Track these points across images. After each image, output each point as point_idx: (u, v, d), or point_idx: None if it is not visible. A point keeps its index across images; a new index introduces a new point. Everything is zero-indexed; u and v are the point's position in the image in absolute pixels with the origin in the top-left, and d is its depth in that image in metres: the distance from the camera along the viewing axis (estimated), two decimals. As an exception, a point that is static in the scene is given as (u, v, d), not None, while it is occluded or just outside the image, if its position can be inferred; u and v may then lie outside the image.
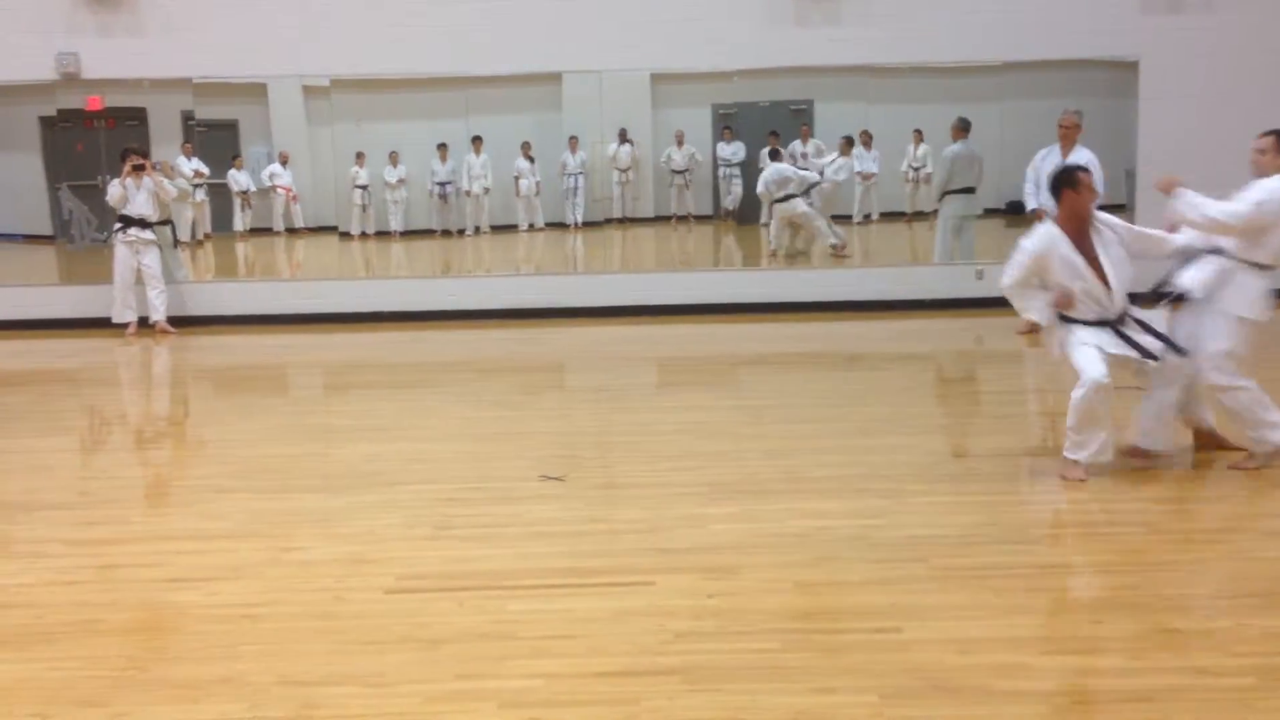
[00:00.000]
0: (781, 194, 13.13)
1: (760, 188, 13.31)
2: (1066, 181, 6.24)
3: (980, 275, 12.14)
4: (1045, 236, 6.22)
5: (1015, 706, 3.76)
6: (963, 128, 12.04)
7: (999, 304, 11.49)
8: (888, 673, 4.01)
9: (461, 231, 14.12)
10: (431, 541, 5.50)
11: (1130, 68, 11.88)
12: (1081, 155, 10.20)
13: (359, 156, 13.61)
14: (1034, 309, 6.32)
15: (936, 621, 4.41)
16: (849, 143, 13.29)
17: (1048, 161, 10.29)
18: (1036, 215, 10.34)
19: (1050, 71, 12.30)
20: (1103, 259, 6.14)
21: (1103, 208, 11.26)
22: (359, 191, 13.78)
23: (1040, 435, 7.60)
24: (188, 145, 13.26)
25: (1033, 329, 10.60)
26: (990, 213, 12.78)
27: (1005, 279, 6.37)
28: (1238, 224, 6.04)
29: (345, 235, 13.82)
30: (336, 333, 11.85)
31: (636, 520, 5.70)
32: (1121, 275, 6.17)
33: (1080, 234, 6.17)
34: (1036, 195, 10.34)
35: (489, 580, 4.95)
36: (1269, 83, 11.74)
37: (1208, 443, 6.49)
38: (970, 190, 12.14)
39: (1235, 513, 5.58)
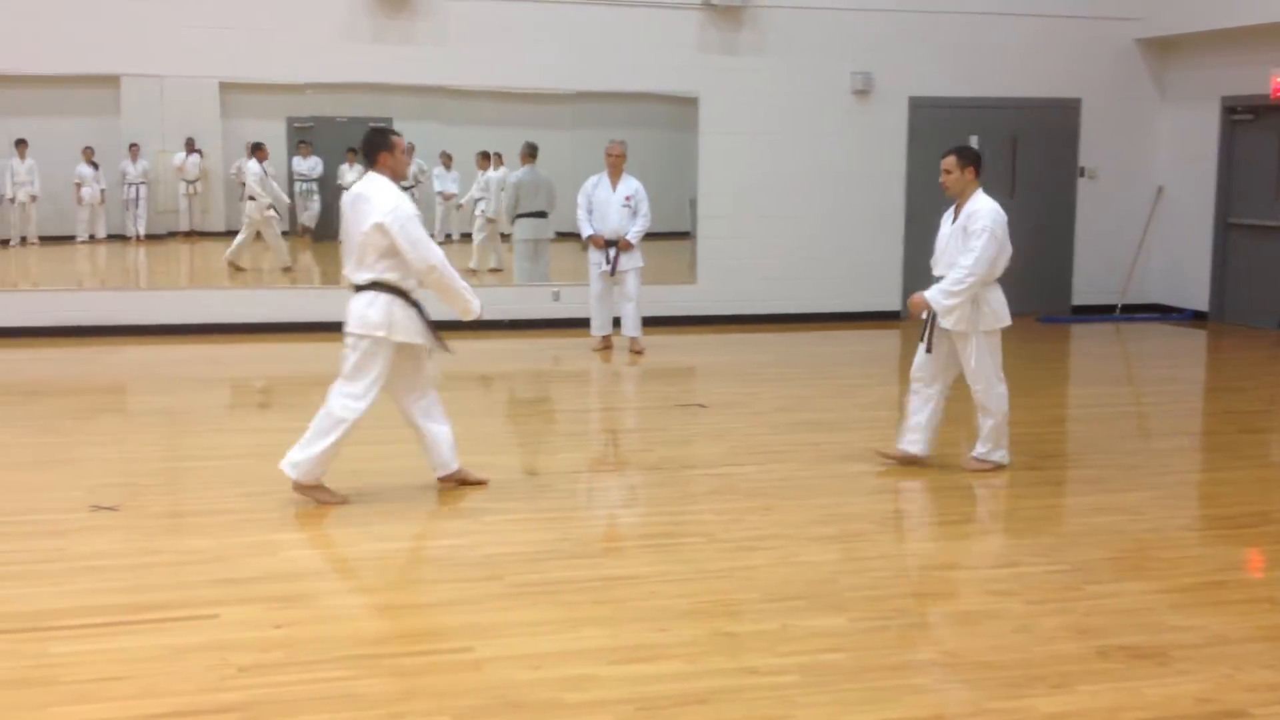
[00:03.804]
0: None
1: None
2: (382, 144, 6.04)
3: (557, 296, 12.48)
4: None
5: (583, 718, 3.85)
6: (530, 153, 12.33)
7: (575, 324, 11.95)
8: (460, 693, 4.00)
9: (6, 242, 12.90)
10: (-38, 583, 4.96)
11: (691, 103, 12.61)
12: (630, 184, 10.80)
13: (-119, 157, 12.17)
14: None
15: (509, 639, 4.45)
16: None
17: (599, 190, 10.78)
18: (593, 241, 10.82)
19: (618, 103, 12.85)
20: None
21: (665, 235, 11.92)
22: (-120, 194, 12.32)
23: (609, 451, 7.87)
24: None
25: (606, 346, 11.07)
26: (565, 236, 13.16)
27: (434, 257, 5.99)
28: (982, 272, 6.46)
29: None
30: None
31: (200, 550, 5.39)
32: None
33: None
34: (590, 221, 10.78)
35: (29, 621, 4.53)
36: (809, 120, 12.83)
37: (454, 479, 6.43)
38: (542, 214, 12.42)
39: (782, 520, 6.00)
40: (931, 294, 6.59)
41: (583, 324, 11.35)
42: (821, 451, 7.25)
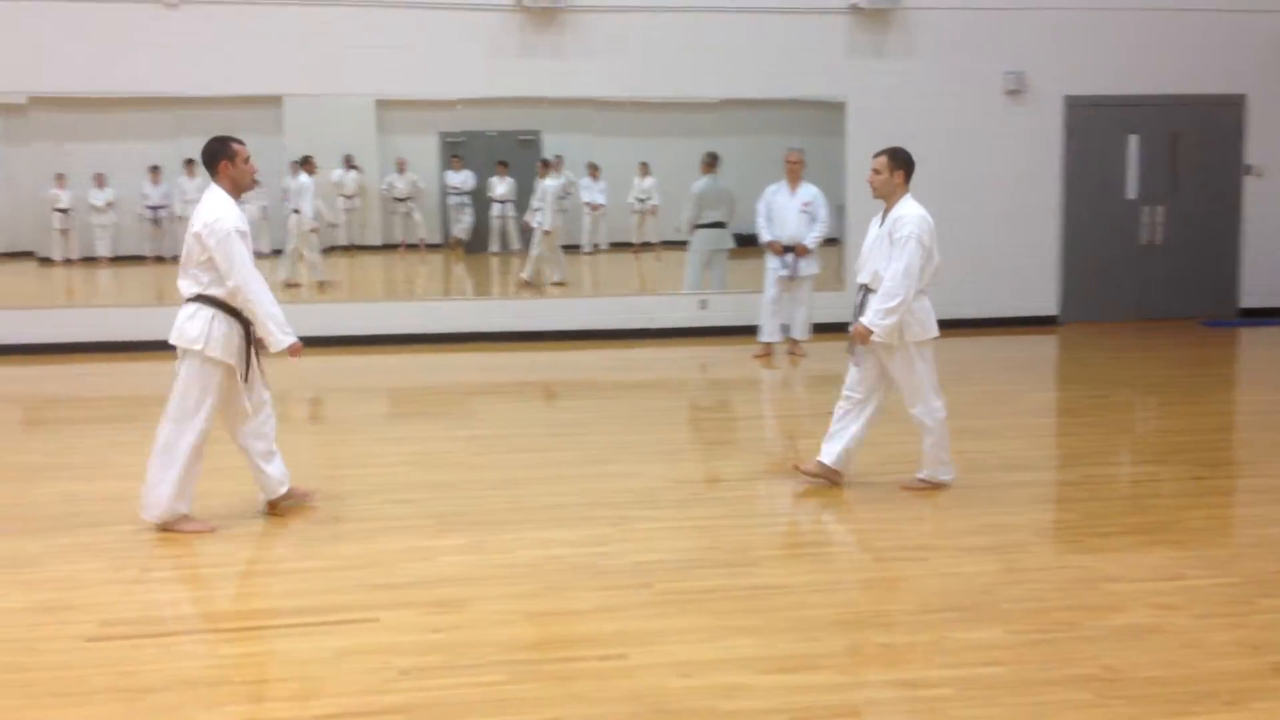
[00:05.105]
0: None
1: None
2: (222, 152, 6.06)
3: (704, 305, 12.50)
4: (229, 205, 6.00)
5: (736, 726, 3.85)
6: (710, 162, 12.31)
7: (722, 333, 11.96)
8: (614, 699, 4.03)
9: (176, 258, 13.45)
10: (138, 584, 5.20)
11: (838, 108, 12.50)
12: (809, 191, 10.90)
13: (59, 178, 12.81)
14: None
15: (661, 646, 4.47)
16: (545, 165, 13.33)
17: (778, 197, 10.91)
18: (771, 247, 10.88)
19: (766, 110, 12.82)
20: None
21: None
22: (58, 215, 12.96)
23: (758, 459, 7.84)
24: None
25: (768, 353, 11.10)
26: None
27: (240, 277, 5.92)
28: (912, 283, 6.20)
29: (46, 261, 12.99)
30: (33, 364, 11.10)
31: (359, 556, 5.55)
32: None
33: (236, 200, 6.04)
34: (770, 228, 10.87)
35: (200, 623, 4.72)
36: (960, 122, 12.60)
37: None
38: (721, 225, 12.38)
39: (936, 530, 5.90)
40: (869, 320, 6.30)
41: (729, 332, 11.37)
42: (975, 460, 7.10)
